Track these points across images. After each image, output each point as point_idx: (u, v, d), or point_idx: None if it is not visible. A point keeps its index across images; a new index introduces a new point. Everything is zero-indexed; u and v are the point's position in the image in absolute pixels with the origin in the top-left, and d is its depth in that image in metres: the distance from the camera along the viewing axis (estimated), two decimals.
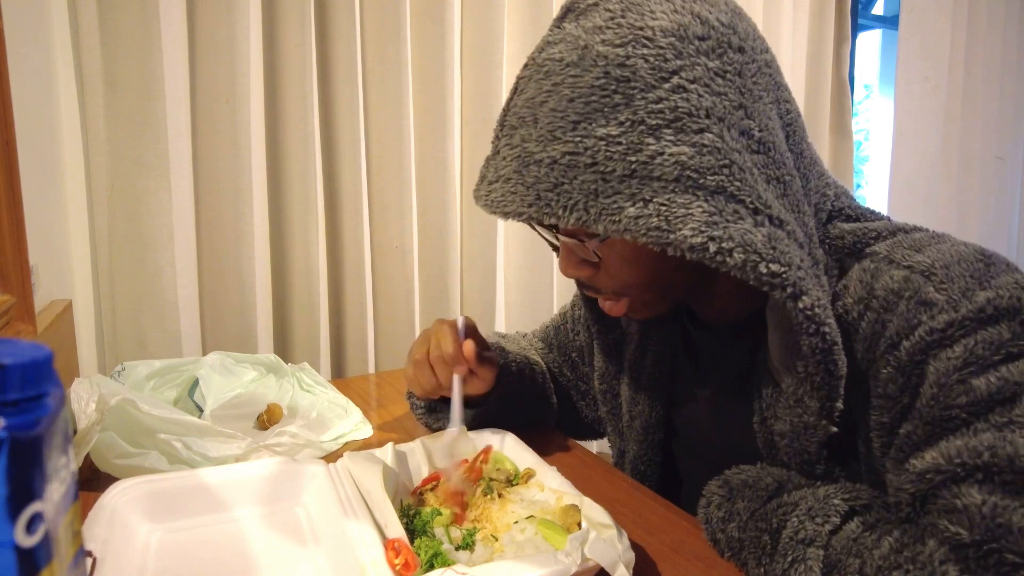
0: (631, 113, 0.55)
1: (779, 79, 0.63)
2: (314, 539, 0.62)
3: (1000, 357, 0.51)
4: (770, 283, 0.53)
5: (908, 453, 0.54)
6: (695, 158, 0.54)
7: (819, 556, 0.52)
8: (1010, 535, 0.45)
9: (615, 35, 0.56)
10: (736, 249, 0.52)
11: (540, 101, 0.59)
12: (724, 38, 0.57)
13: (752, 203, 0.54)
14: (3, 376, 0.24)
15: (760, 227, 0.54)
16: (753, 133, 0.57)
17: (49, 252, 1.12)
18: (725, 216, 0.53)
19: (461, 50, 1.59)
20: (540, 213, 0.57)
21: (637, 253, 0.62)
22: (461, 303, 1.66)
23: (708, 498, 0.64)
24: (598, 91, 0.56)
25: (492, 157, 0.64)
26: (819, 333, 0.54)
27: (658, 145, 0.54)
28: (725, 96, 0.56)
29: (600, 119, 0.55)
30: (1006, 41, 2.51)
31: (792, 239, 0.56)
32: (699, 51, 0.56)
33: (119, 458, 0.71)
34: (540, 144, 0.58)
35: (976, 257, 0.57)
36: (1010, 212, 2.69)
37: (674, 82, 0.55)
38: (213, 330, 1.37)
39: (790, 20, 2.06)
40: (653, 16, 0.57)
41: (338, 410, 0.92)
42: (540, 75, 0.60)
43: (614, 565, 0.52)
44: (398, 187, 1.53)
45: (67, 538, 0.28)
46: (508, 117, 0.63)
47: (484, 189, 0.63)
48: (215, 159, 1.34)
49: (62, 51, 1.21)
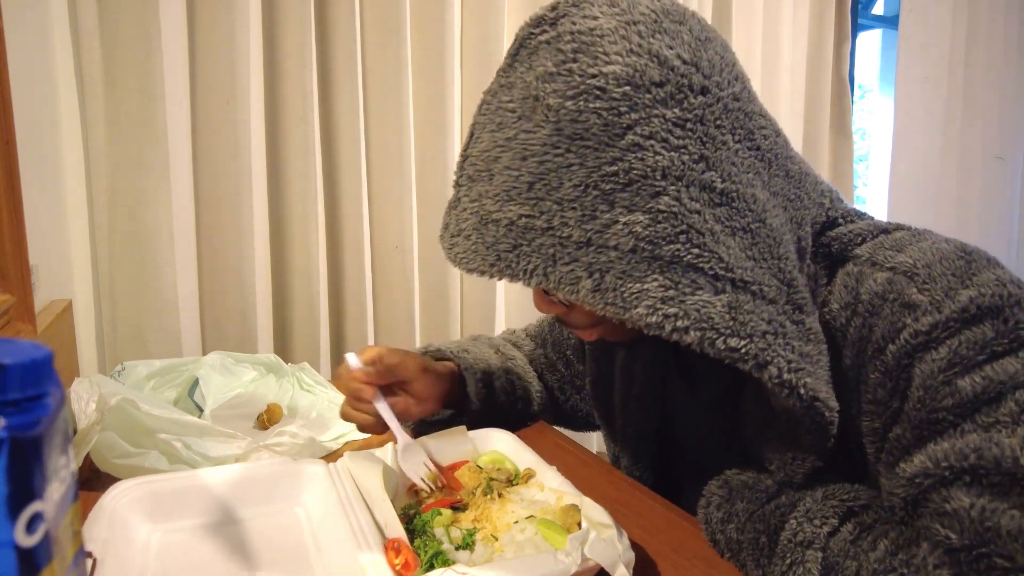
0: (585, 175, 0.53)
1: (750, 107, 0.59)
2: (314, 539, 0.62)
3: (985, 356, 0.50)
4: (730, 357, 0.52)
5: (898, 457, 0.54)
6: (650, 227, 0.52)
7: (817, 559, 0.52)
8: (999, 539, 0.45)
9: (566, 84, 0.54)
10: (692, 328, 0.51)
11: (494, 156, 0.57)
12: (684, 80, 0.54)
13: (711, 269, 0.53)
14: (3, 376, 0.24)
15: (720, 295, 0.52)
16: (715, 186, 0.54)
17: (49, 252, 1.12)
18: (681, 289, 0.52)
19: (461, 50, 1.59)
20: (502, 273, 0.56)
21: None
22: (461, 303, 1.66)
23: (708, 498, 0.63)
24: (551, 150, 0.54)
25: (454, 206, 0.62)
26: (795, 395, 0.53)
27: (612, 213, 0.52)
28: (684, 150, 0.53)
29: (554, 180, 0.54)
30: (1006, 41, 2.51)
31: (759, 298, 0.54)
32: (655, 100, 0.53)
33: (119, 458, 0.71)
34: (497, 203, 0.56)
35: (957, 255, 0.56)
36: (1010, 212, 2.68)
37: (628, 139, 0.52)
38: (213, 330, 1.37)
39: (790, 20, 2.06)
40: (607, 60, 0.53)
41: (338, 410, 0.92)
42: (493, 126, 0.58)
43: (614, 565, 0.52)
44: (398, 187, 1.53)
45: (67, 538, 0.28)
46: (465, 166, 0.61)
47: (448, 241, 0.62)
48: (215, 159, 1.34)
49: (62, 51, 1.21)
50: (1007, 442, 0.47)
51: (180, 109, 1.28)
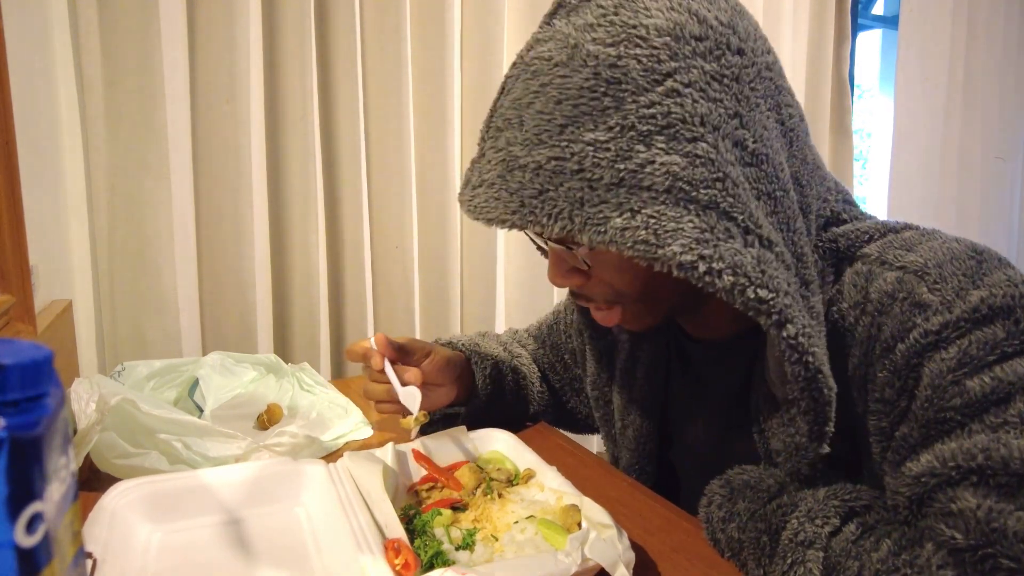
0: (621, 118, 0.52)
1: (780, 82, 0.60)
2: (314, 539, 0.62)
3: (995, 357, 0.50)
4: (756, 308, 0.52)
5: (904, 456, 0.54)
6: (687, 169, 0.51)
7: (819, 558, 0.52)
8: (1005, 540, 0.45)
9: (606, 33, 0.54)
10: (726, 271, 0.51)
11: (527, 102, 0.56)
12: (723, 39, 0.55)
13: (744, 221, 0.52)
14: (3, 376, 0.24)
15: (750, 248, 0.52)
16: (747, 144, 0.54)
17: (49, 252, 1.12)
18: (716, 234, 0.51)
19: (461, 50, 1.59)
20: (524, 220, 0.55)
21: (628, 262, 0.58)
22: (461, 303, 1.66)
23: (709, 497, 0.63)
24: (587, 93, 0.53)
25: (477, 160, 0.61)
26: (802, 362, 0.53)
27: (649, 153, 0.52)
28: (720, 103, 0.53)
29: (588, 123, 0.53)
30: (1006, 41, 2.51)
31: (780, 261, 0.54)
32: (695, 52, 0.53)
33: (119, 458, 0.71)
34: (525, 148, 0.55)
35: (968, 254, 0.56)
36: (1010, 212, 2.68)
37: (668, 85, 0.52)
38: (213, 330, 1.37)
39: (790, 20, 2.06)
40: (648, 14, 0.54)
41: (338, 410, 0.92)
42: (528, 75, 0.57)
43: (614, 565, 0.52)
44: (398, 187, 1.53)
45: (67, 538, 0.28)
46: (494, 118, 0.60)
47: (468, 193, 0.60)
48: (215, 159, 1.34)
49: (62, 51, 1.21)
50: (1015, 443, 0.47)
51: (180, 109, 1.28)
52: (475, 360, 0.87)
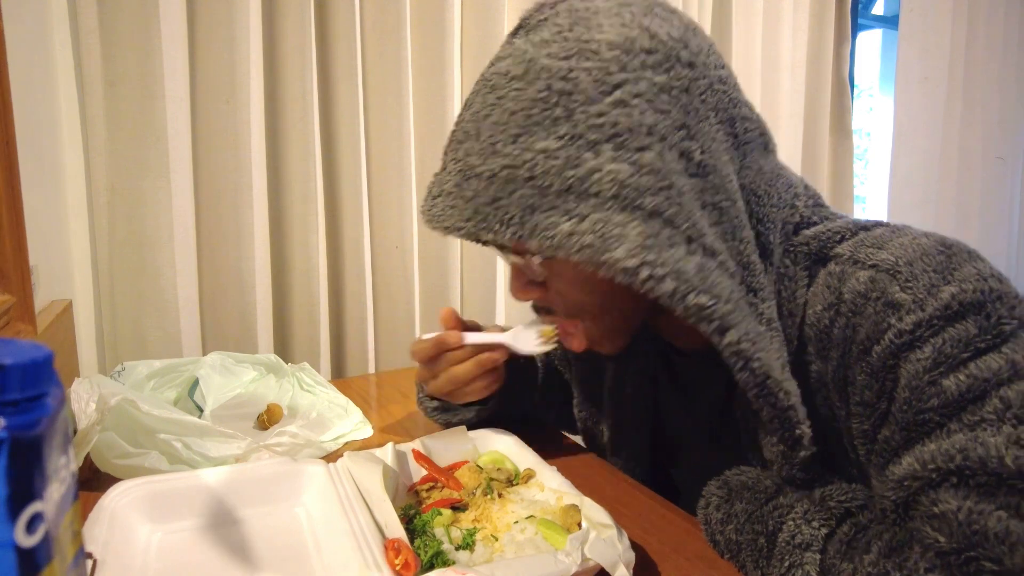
0: (571, 127, 0.54)
1: (735, 95, 0.61)
2: (314, 539, 0.62)
3: (969, 354, 0.51)
4: (697, 315, 0.53)
5: (887, 459, 0.54)
6: (634, 177, 0.53)
7: (816, 560, 0.52)
8: (986, 542, 0.45)
9: (560, 48, 0.56)
10: (668, 276, 0.52)
11: (484, 115, 0.58)
12: (673, 52, 0.56)
13: (687, 230, 0.53)
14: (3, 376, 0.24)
15: (692, 255, 0.53)
16: (693, 155, 0.55)
17: (49, 252, 1.12)
18: (660, 240, 0.52)
19: (461, 50, 1.59)
20: (477, 228, 0.57)
21: (581, 273, 0.58)
22: (461, 303, 1.66)
23: (707, 499, 0.63)
24: (540, 104, 0.55)
25: (439, 172, 0.63)
26: (748, 368, 0.53)
27: (596, 161, 0.53)
28: (668, 114, 0.55)
29: (540, 132, 0.55)
30: (1006, 41, 2.51)
31: (723, 270, 0.55)
32: (644, 65, 0.55)
33: (119, 458, 0.71)
34: (481, 157, 0.57)
35: (937, 249, 0.56)
36: (1010, 212, 2.68)
37: (616, 96, 0.54)
38: (213, 330, 1.37)
39: (790, 20, 2.06)
40: (600, 30, 0.56)
41: (338, 410, 0.92)
42: (487, 89, 0.59)
43: (614, 565, 0.52)
44: (398, 187, 1.52)
45: (67, 538, 0.28)
46: (456, 132, 0.62)
47: (428, 203, 0.62)
48: (215, 159, 1.34)
49: (62, 51, 1.21)
50: (992, 441, 0.47)
51: (180, 109, 1.28)
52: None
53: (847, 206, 2.22)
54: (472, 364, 0.75)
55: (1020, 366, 0.50)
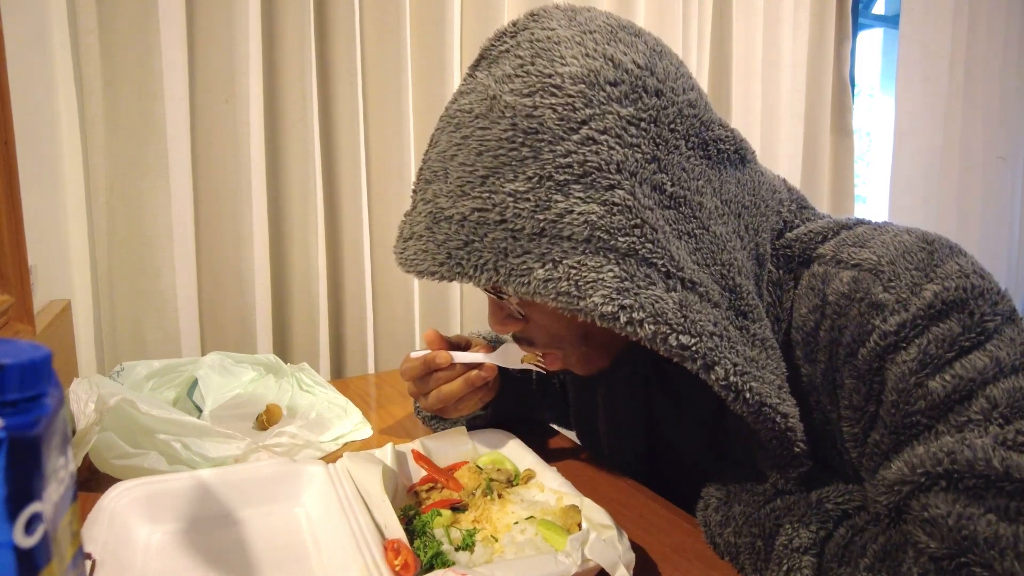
0: (539, 167, 0.53)
1: (706, 116, 0.59)
2: (314, 540, 0.62)
3: (954, 354, 0.50)
4: (680, 355, 0.52)
5: (878, 463, 0.54)
6: (605, 217, 0.52)
7: (813, 564, 0.52)
8: (976, 547, 0.45)
9: (523, 84, 0.54)
10: (647, 320, 0.51)
11: (451, 155, 0.57)
12: (639, 82, 0.54)
13: (664, 265, 0.53)
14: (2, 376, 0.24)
15: (672, 292, 0.52)
16: (665, 188, 0.54)
17: (48, 252, 1.11)
18: (636, 281, 0.52)
19: (461, 50, 1.59)
20: (452, 272, 0.56)
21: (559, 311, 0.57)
22: (461, 303, 1.66)
23: (706, 500, 0.63)
24: (506, 144, 0.54)
25: (409, 212, 0.62)
26: (740, 399, 0.53)
27: (567, 203, 0.52)
28: (638, 148, 0.53)
29: (508, 173, 0.54)
30: (1007, 40, 2.51)
31: (706, 300, 0.54)
32: (610, 98, 0.53)
33: (118, 459, 0.71)
34: (450, 199, 0.56)
35: (919, 246, 0.56)
36: (1011, 212, 2.68)
37: (583, 133, 0.52)
38: (212, 330, 1.37)
39: (790, 20, 2.06)
40: (563, 62, 0.54)
41: (338, 410, 0.92)
42: (451, 127, 0.58)
43: (614, 566, 0.52)
44: (398, 187, 1.52)
45: (66, 539, 0.28)
46: (423, 171, 0.61)
47: (400, 246, 0.61)
48: (214, 159, 1.33)
49: (61, 51, 1.21)
50: (979, 443, 0.47)
51: (179, 109, 1.28)
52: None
53: (847, 206, 2.22)
54: (461, 382, 0.75)
55: (1004, 363, 0.50)
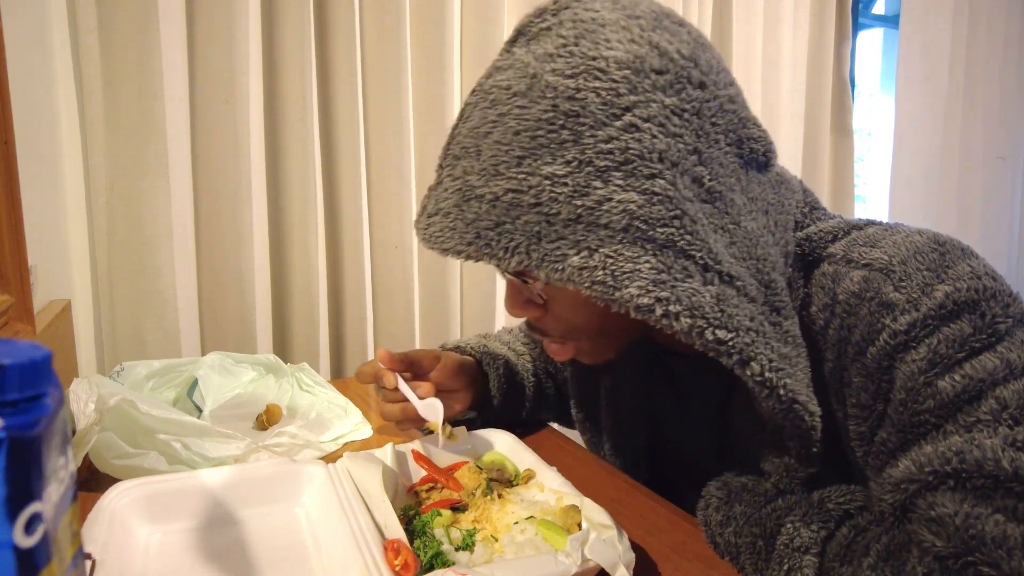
0: (579, 152, 0.51)
1: (744, 114, 0.59)
2: (314, 540, 0.61)
3: (964, 354, 0.50)
4: (716, 350, 0.51)
5: (885, 460, 0.53)
6: (645, 207, 0.51)
7: (814, 564, 0.52)
8: (983, 547, 0.45)
9: (566, 64, 0.53)
10: (683, 313, 0.50)
11: (484, 132, 0.55)
12: (683, 72, 0.53)
13: (702, 258, 0.52)
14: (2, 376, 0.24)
15: (709, 286, 0.52)
16: (704, 181, 0.53)
17: (48, 252, 1.11)
18: (674, 274, 0.51)
19: (461, 50, 1.59)
20: (480, 252, 0.54)
21: (585, 299, 0.55)
22: (461, 303, 1.66)
23: (707, 500, 0.63)
24: (545, 125, 0.52)
25: (434, 187, 0.60)
26: (775, 395, 0.52)
27: (606, 190, 0.51)
28: (680, 138, 0.52)
29: (546, 156, 0.52)
30: (1007, 40, 2.51)
31: (743, 295, 0.53)
32: (655, 86, 0.52)
33: (118, 459, 0.71)
34: (482, 178, 0.54)
35: (931, 247, 0.56)
36: (1011, 212, 2.68)
37: (626, 120, 0.51)
38: (212, 330, 1.37)
39: (790, 20, 2.06)
40: (608, 46, 0.52)
41: (337, 410, 0.92)
42: (486, 103, 0.56)
43: (614, 566, 0.52)
44: (398, 187, 1.52)
45: (66, 539, 0.28)
46: (452, 146, 0.59)
47: (424, 221, 0.59)
48: (214, 159, 1.33)
49: (61, 51, 1.21)
50: (988, 443, 0.47)
51: (179, 109, 1.28)
52: (487, 362, 0.86)
53: (848, 206, 2.22)
54: (398, 410, 0.77)
55: (1015, 365, 0.50)
